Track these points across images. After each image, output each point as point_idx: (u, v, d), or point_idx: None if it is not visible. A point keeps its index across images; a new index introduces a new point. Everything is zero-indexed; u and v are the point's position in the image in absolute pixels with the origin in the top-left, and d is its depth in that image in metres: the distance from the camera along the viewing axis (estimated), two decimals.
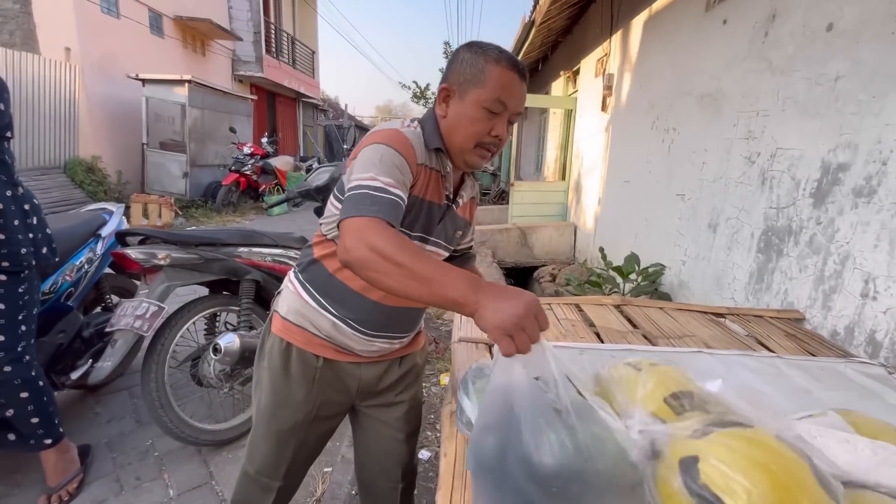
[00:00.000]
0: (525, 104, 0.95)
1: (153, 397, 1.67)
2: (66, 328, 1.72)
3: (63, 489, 1.59)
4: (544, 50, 7.24)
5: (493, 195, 11.54)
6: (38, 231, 1.52)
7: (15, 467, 1.70)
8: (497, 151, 0.95)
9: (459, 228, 1.03)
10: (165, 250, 1.74)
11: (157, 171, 7.46)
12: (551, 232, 5.60)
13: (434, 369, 2.64)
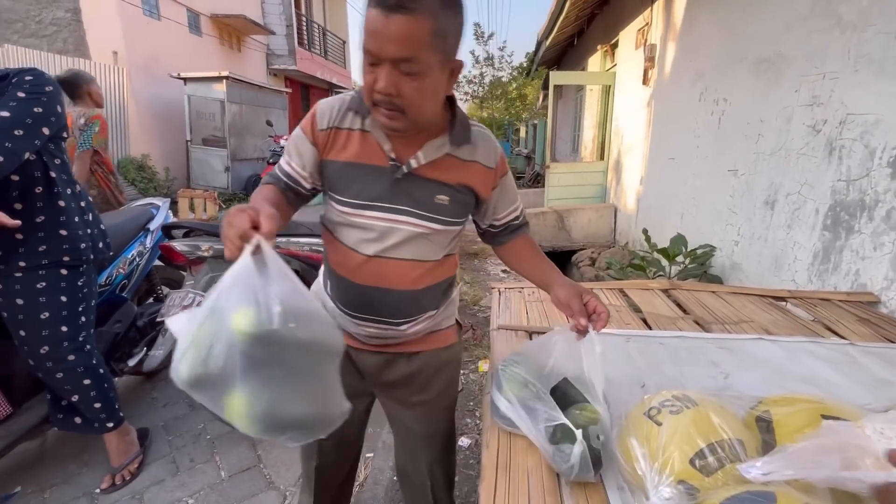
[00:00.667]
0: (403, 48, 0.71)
1: None
2: (121, 318, 1.82)
3: (125, 469, 1.69)
4: (580, 24, 6.91)
5: (528, 178, 11.31)
6: (94, 227, 1.60)
7: (83, 448, 1.83)
8: (397, 110, 0.78)
9: (439, 193, 0.90)
10: (208, 242, 1.79)
11: (201, 167, 7.77)
12: (590, 214, 5.41)
13: (472, 356, 2.62)
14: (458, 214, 0.96)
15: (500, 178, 0.99)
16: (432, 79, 0.77)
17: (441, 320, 1.06)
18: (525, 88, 10.45)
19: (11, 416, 1.51)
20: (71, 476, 1.72)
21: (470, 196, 0.96)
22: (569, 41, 8.10)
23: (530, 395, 0.89)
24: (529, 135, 15.23)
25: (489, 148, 0.96)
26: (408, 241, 0.92)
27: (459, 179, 0.92)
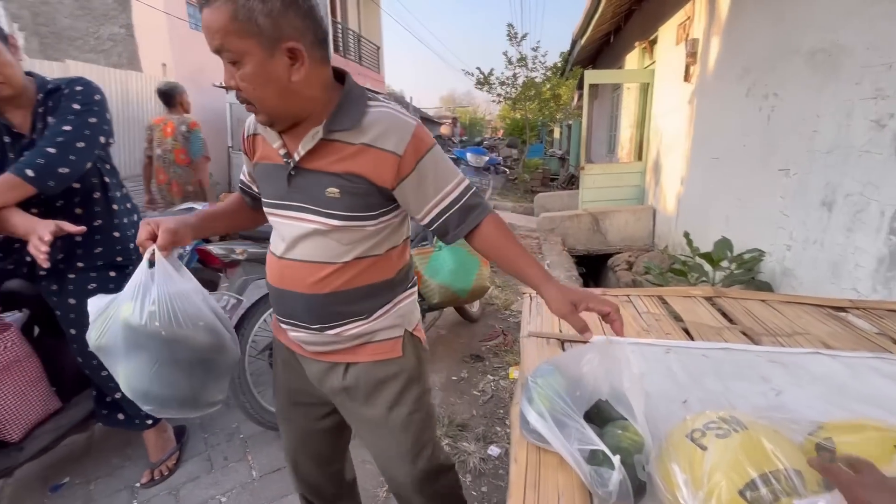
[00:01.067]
0: (214, 39, 0.74)
1: (235, 384, 1.78)
2: None
3: (163, 465, 1.75)
4: (616, 22, 6.71)
5: (562, 180, 11.10)
6: (134, 227, 1.67)
7: (125, 443, 1.91)
8: (251, 103, 0.80)
9: (329, 185, 0.84)
10: (242, 245, 1.83)
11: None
12: (627, 217, 5.23)
13: (502, 362, 2.57)
14: (357, 208, 0.86)
15: (412, 164, 0.85)
16: (258, 65, 0.75)
17: (378, 330, 0.96)
18: (559, 89, 10.26)
19: (61, 411, 1.59)
20: (114, 469, 1.80)
21: (366, 186, 0.84)
22: (605, 39, 7.89)
23: (562, 410, 0.84)
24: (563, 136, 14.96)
25: (391, 129, 0.83)
26: (307, 240, 0.88)
27: (347, 168, 0.84)
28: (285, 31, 0.74)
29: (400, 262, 0.98)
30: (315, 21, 0.79)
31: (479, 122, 40.04)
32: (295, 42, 0.76)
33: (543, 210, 7.02)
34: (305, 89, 0.81)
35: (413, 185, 0.86)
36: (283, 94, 0.79)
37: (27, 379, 1.47)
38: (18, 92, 1.32)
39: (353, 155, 0.84)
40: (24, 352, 1.47)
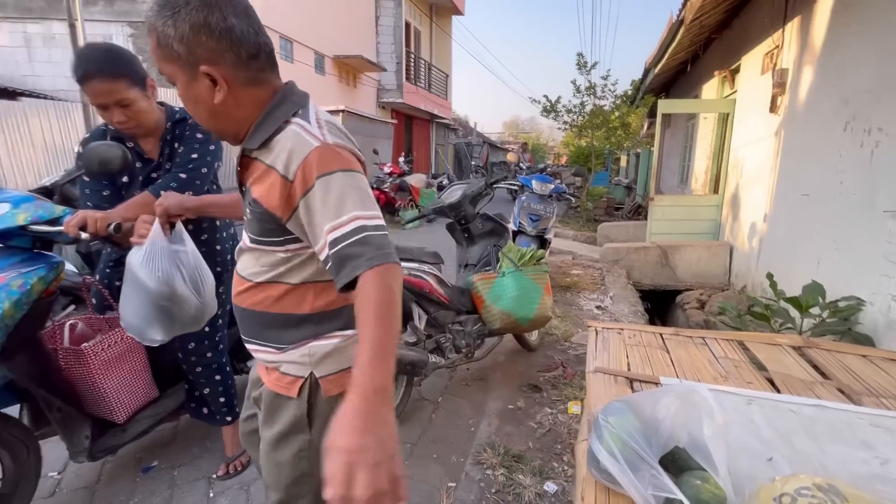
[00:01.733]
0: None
1: None
2: None
3: (237, 460, 1.89)
4: (694, 50, 6.51)
5: (628, 210, 10.71)
6: (233, 240, 1.86)
7: (205, 435, 2.08)
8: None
9: (246, 205, 0.85)
10: None
11: None
12: (700, 252, 4.94)
13: (561, 395, 2.50)
14: (264, 233, 0.82)
15: (301, 191, 0.74)
16: (184, 87, 0.78)
17: (282, 362, 0.89)
18: (628, 117, 10.02)
19: (157, 400, 1.77)
20: (194, 458, 1.96)
21: (261, 210, 0.79)
22: (680, 68, 7.65)
23: (636, 452, 0.83)
24: (631, 164, 14.49)
25: (283, 149, 0.76)
26: (240, 254, 0.92)
27: (253, 190, 0.81)
28: (200, 55, 0.73)
29: (319, 302, 0.87)
30: (235, 41, 0.75)
31: (542, 148, 39.89)
32: (209, 66, 0.74)
33: (607, 240, 6.80)
34: (234, 110, 0.79)
35: (304, 216, 0.76)
36: (213, 114, 0.80)
37: (134, 369, 1.67)
38: (150, 131, 1.52)
39: (260, 176, 0.80)
40: (133, 344, 1.66)
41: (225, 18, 0.73)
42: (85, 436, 1.54)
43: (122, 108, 1.38)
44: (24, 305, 1.26)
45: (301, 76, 9.34)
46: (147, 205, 1.37)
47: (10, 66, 7.97)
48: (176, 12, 0.71)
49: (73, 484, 1.81)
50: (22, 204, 1.27)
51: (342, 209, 0.72)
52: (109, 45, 1.41)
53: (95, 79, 1.31)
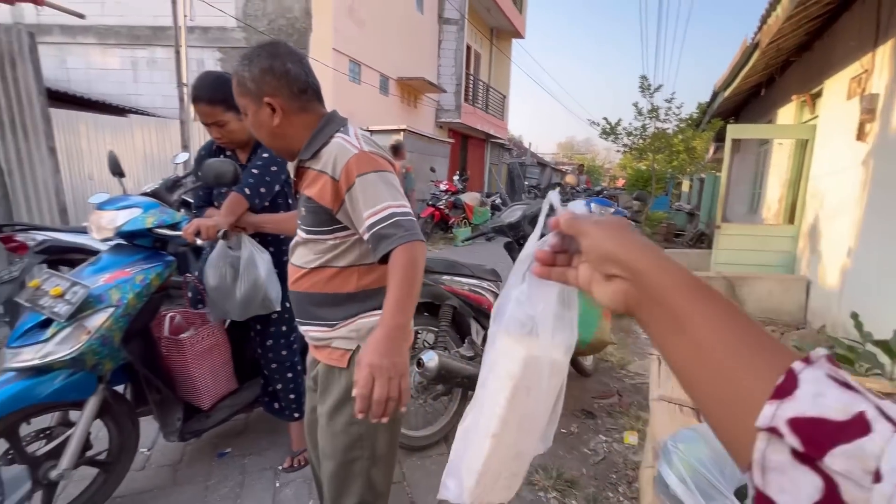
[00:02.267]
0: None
1: None
2: None
3: (302, 455, 2.00)
4: (769, 73, 6.21)
5: (689, 237, 10.21)
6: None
7: (273, 429, 2.23)
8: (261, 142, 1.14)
9: (303, 204, 1.08)
10: None
11: None
12: (771, 285, 4.62)
13: (616, 424, 2.43)
14: (317, 224, 1.05)
15: (346, 187, 0.98)
16: (251, 115, 1.05)
17: (333, 338, 1.09)
18: (693, 141, 9.63)
19: (237, 391, 1.94)
20: (262, 450, 2.10)
21: (315, 206, 1.03)
22: (752, 91, 7.30)
23: (709, 481, 0.83)
24: (694, 189, 13.83)
25: (330, 156, 1.01)
26: (295, 247, 1.14)
27: (307, 191, 1.05)
28: (265, 89, 1.01)
29: (363, 281, 1.08)
30: (290, 80, 1.02)
31: (597, 170, 38.98)
32: (270, 97, 1.01)
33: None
34: (288, 130, 1.05)
35: (350, 206, 1.00)
36: (272, 134, 1.06)
37: (220, 361, 1.84)
38: (243, 145, 1.76)
39: (313, 179, 1.04)
40: (222, 338, 1.85)
41: (284, 64, 1.01)
42: (177, 418, 1.71)
43: (218, 127, 1.65)
44: (143, 297, 1.46)
45: (367, 97, 9.87)
46: (237, 203, 1.56)
47: (119, 86, 9.07)
48: (251, 61, 1.01)
49: (160, 461, 2.01)
50: (150, 209, 1.48)
51: (378, 200, 0.97)
52: (218, 76, 1.66)
53: (201, 102, 1.60)
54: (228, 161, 1.45)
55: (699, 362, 0.34)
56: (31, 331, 1.37)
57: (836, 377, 0.28)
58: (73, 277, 1.39)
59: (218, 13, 7.79)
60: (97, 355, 1.41)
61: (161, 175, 6.05)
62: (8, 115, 3.63)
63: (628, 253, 0.39)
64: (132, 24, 8.87)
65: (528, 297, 0.51)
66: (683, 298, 0.36)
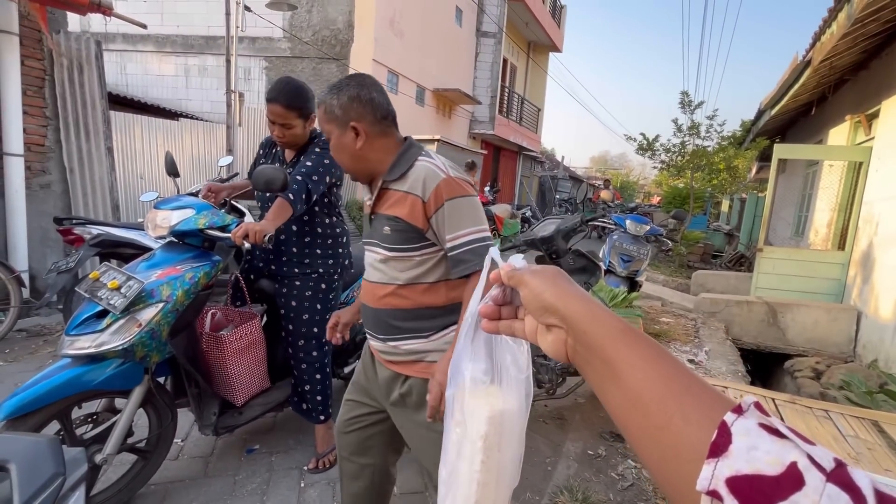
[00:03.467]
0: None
1: None
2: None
3: (326, 457, 2.03)
4: (820, 91, 5.95)
5: (728, 259, 9.82)
6: (347, 250, 2.06)
7: (299, 429, 2.27)
8: (340, 165, 1.21)
9: (385, 224, 1.12)
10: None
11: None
12: (817, 314, 4.39)
13: None
14: (403, 242, 1.11)
15: (434, 208, 1.07)
16: (335, 140, 1.13)
17: (430, 351, 1.15)
18: (736, 160, 9.30)
19: (268, 390, 1.99)
20: (289, 449, 2.14)
21: (404, 225, 1.09)
22: (802, 110, 7.01)
23: None
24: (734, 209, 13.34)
25: (419, 178, 1.08)
26: (373, 266, 1.19)
27: (393, 211, 1.11)
28: (350, 115, 1.10)
29: (452, 294, 1.16)
30: (374, 107, 1.12)
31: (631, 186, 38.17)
32: (356, 122, 1.10)
33: (703, 289, 6.29)
34: (368, 153, 1.13)
35: (436, 226, 1.09)
36: (353, 157, 1.14)
37: (256, 359, 1.89)
38: (295, 148, 1.87)
39: (399, 200, 1.11)
40: (259, 337, 1.90)
41: (369, 93, 1.12)
42: (213, 412, 1.77)
43: (283, 128, 1.76)
44: (191, 295, 1.53)
45: (403, 107, 10.05)
46: (284, 208, 1.61)
47: (172, 91, 9.59)
48: (340, 90, 1.11)
49: (192, 452, 2.08)
50: (203, 211, 1.56)
51: (460, 225, 1.08)
52: (299, 85, 1.78)
53: (276, 103, 1.72)
54: (279, 168, 1.51)
55: (634, 411, 0.34)
56: (87, 320, 1.45)
57: (766, 425, 0.28)
58: (129, 272, 1.47)
59: (266, 24, 8.15)
60: (146, 347, 1.48)
61: (207, 176, 6.34)
62: (73, 117, 3.90)
63: (562, 301, 0.41)
64: (187, 33, 9.40)
65: (481, 353, 0.54)
66: (614, 346, 0.37)
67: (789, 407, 1.63)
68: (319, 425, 2.06)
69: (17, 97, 3.42)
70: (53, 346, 3.11)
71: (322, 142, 1.86)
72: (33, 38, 3.58)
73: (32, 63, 3.61)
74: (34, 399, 1.35)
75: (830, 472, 0.25)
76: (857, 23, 3.50)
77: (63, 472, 0.62)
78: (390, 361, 1.20)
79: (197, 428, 1.85)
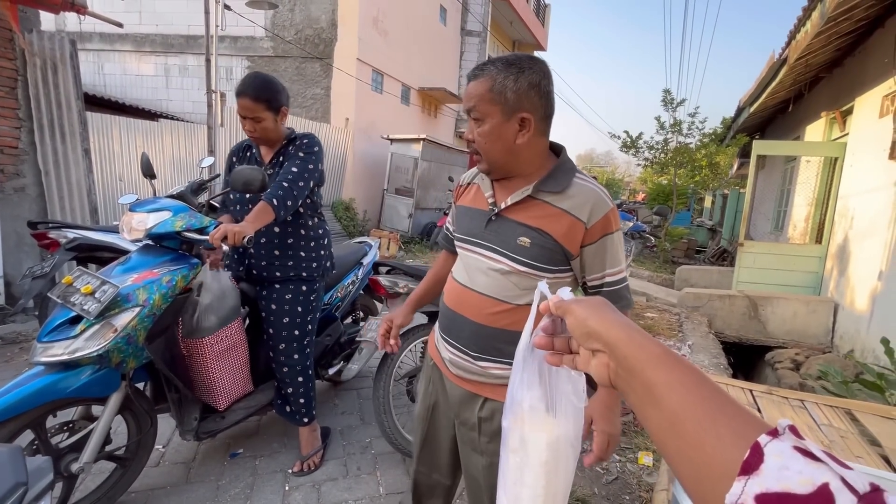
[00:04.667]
0: (470, 101, 0.98)
1: (379, 403, 1.99)
2: (332, 333, 2.23)
3: (311, 459, 2.01)
4: (797, 88, 6.08)
5: (710, 254, 10.00)
6: (328, 253, 2.04)
7: (283, 432, 2.25)
8: (479, 153, 1.01)
9: (522, 234, 1.00)
10: (405, 280, 2.10)
11: (390, 212, 9.08)
12: (796, 307, 4.49)
13: (630, 443, 2.38)
14: (541, 259, 0.99)
15: (596, 237, 0.98)
16: (495, 126, 0.97)
17: None
18: (717, 156, 9.46)
19: (252, 394, 1.96)
20: (274, 452, 2.12)
21: (552, 243, 0.98)
22: (779, 107, 7.17)
23: None
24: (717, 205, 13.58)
25: (586, 202, 0.98)
26: (488, 276, 1.04)
27: (541, 225, 0.99)
28: (524, 104, 0.95)
29: None
30: (548, 102, 0.98)
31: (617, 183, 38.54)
32: (528, 114, 0.96)
33: (686, 284, 6.40)
34: (525, 151, 1.00)
35: (590, 254, 1.00)
36: (507, 151, 0.99)
37: (238, 362, 1.87)
38: (270, 143, 1.84)
39: (552, 215, 0.99)
40: (241, 340, 1.88)
41: (548, 86, 0.98)
42: (194, 417, 1.74)
43: (253, 122, 1.73)
44: (169, 298, 1.50)
45: (388, 106, 10.00)
46: (265, 212, 1.59)
47: (152, 92, 9.39)
48: (521, 71, 0.94)
49: (174, 458, 2.04)
50: (180, 213, 1.53)
51: (619, 260, 1.02)
52: (266, 78, 1.76)
53: (245, 97, 1.69)
54: (257, 169, 1.49)
55: (672, 433, 0.36)
56: (61, 326, 1.41)
57: (801, 448, 0.29)
58: (103, 276, 1.43)
59: (247, 23, 8.03)
60: (122, 353, 1.45)
61: (188, 177, 6.22)
62: (48, 118, 3.80)
63: (605, 327, 0.43)
64: (167, 32, 9.21)
65: (535, 381, 0.58)
66: (654, 370, 0.39)
67: (766, 398, 1.66)
68: (303, 427, 2.04)
69: None
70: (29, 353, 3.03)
71: (304, 144, 1.82)
72: (4, 38, 3.48)
73: (4, 63, 3.51)
74: (6, 408, 1.31)
75: (863, 495, 0.25)
76: (831, 21, 3.58)
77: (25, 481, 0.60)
78: (466, 380, 1.09)
79: (178, 433, 1.82)
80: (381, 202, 9.34)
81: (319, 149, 1.86)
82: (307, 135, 1.88)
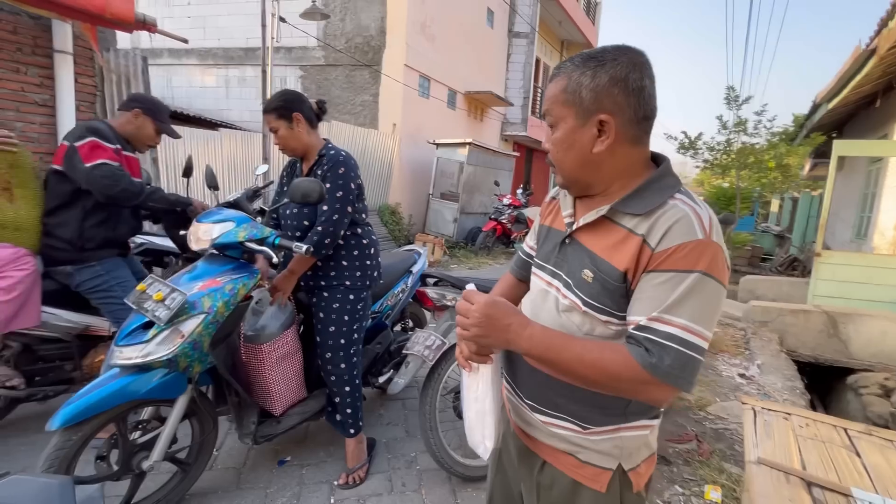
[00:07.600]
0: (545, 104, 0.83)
1: (426, 418, 1.94)
2: (382, 341, 2.22)
3: (356, 473, 2.00)
4: (886, 82, 5.48)
5: (779, 263, 9.23)
6: (377, 262, 2.03)
7: (331, 441, 2.25)
8: (554, 165, 0.85)
9: (587, 265, 0.78)
10: (453, 293, 2.04)
11: (435, 217, 9.11)
12: (885, 325, 4.02)
13: (695, 474, 2.19)
14: (600, 299, 0.76)
15: (658, 266, 0.71)
16: (567, 132, 0.79)
17: (586, 448, 0.84)
18: (788, 157, 8.73)
19: (305, 399, 1.98)
20: (320, 462, 2.13)
21: (613, 275, 0.75)
22: (863, 103, 6.50)
23: None
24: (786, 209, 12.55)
25: (668, 224, 0.72)
26: (553, 311, 0.85)
27: (609, 256, 0.77)
28: (604, 104, 0.75)
29: None
30: (640, 101, 0.76)
31: None
32: (608, 115, 0.76)
33: (752, 296, 5.93)
34: (606, 162, 0.79)
35: (642, 283, 0.73)
36: (582, 162, 0.80)
37: (294, 369, 1.89)
38: (295, 153, 1.89)
39: (621, 240, 0.76)
40: (296, 347, 1.90)
41: (641, 78, 0.76)
42: (253, 421, 1.78)
43: (274, 134, 1.82)
44: (231, 306, 1.54)
45: (434, 111, 10.06)
46: (306, 261, 1.79)
47: (214, 102, 9.99)
48: (601, 64, 0.76)
49: (226, 462, 2.09)
50: (243, 223, 1.57)
51: (704, 319, 0.70)
52: (283, 90, 1.86)
53: (264, 113, 1.82)
54: (316, 181, 1.52)
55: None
56: (135, 331, 1.49)
57: None
58: (172, 284, 1.49)
59: (301, 34, 8.34)
60: (188, 358, 1.51)
61: (243, 182, 6.53)
62: None
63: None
64: (228, 45, 9.77)
65: None
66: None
67: (864, 439, 1.46)
68: (350, 439, 2.03)
69: (72, 113, 3.61)
70: None
71: (327, 171, 1.80)
72: (86, 57, 3.78)
73: (85, 80, 3.81)
74: (86, 408, 1.39)
75: None
76: None
77: None
78: (523, 432, 0.93)
79: (229, 437, 1.86)
80: (426, 207, 9.39)
81: (346, 167, 1.83)
82: (330, 156, 1.84)
